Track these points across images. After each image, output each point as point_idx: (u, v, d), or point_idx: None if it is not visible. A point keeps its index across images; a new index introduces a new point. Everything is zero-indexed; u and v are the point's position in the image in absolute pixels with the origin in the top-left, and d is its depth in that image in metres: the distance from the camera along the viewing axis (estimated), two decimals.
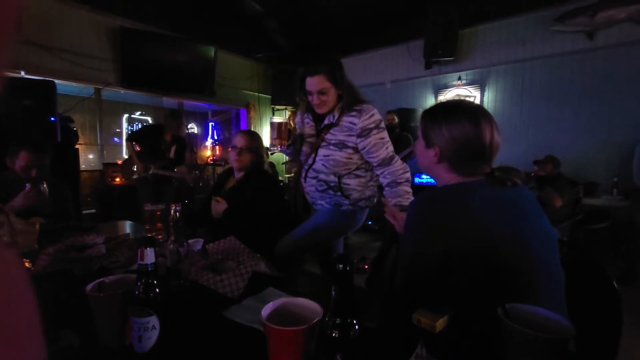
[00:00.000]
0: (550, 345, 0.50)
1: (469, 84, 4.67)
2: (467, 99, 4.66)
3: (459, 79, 4.73)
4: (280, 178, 5.55)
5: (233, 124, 6.97)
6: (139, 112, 6.99)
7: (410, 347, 0.59)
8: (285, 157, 6.66)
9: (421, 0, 4.04)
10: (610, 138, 3.72)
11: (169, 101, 5.76)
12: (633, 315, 1.10)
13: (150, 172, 3.46)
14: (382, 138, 1.53)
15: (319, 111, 1.58)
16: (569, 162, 3.82)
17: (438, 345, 0.59)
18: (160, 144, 3.52)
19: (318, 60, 1.51)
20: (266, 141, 7.11)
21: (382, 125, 1.54)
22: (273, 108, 6.71)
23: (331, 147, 1.59)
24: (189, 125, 7.92)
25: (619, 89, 3.65)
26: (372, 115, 1.52)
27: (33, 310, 0.20)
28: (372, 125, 1.51)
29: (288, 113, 6.72)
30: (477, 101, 4.59)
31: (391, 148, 1.56)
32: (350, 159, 1.58)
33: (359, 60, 5.74)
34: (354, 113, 1.53)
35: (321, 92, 1.51)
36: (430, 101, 5.03)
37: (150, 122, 6.96)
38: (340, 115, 1.57)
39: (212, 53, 5.04)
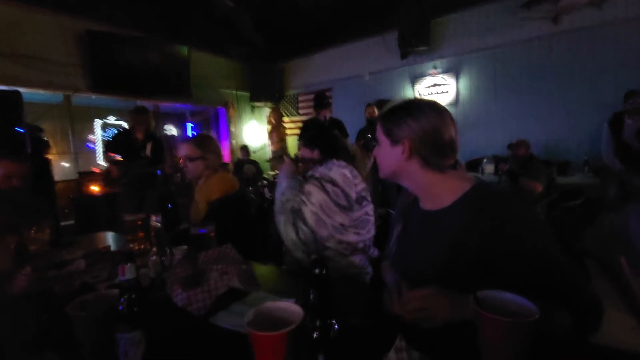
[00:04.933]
0: (516, 328, 0.54)
1: (444, 72, 4.75)
2: (443, 87, 4.75)
3: (434, 67, 4.80)
4: (265, 176, 5.52)
5: (212, 123, 6.86)
6: (114, 118, 6.77)
7: (390, 341, 0.62)
8: (268, 154, 6.62)
9: None
10: (579, 118, 3.87)
11: (143, 104, 5.61)
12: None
13: (131, 174, 3.37)
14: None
15: None
16: (542, 143, 3.96)
17: (417, 337, 0.62)
18: (133, 144, 3.43)
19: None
20: (260, 140, 6.96)
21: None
22: (252, 105, 6.65)
23: None
24: (166, 127, 7.73)
25: (585, 71, 3.79)
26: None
27: None
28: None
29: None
30: (453, 89, 4.68)
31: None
32: None
33: (336, 52, 5.74)
34: None
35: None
36: (408, 91, 5.10)
37: (125, 126, 6.76)
38: None
39: (186, 53, 4.94)
